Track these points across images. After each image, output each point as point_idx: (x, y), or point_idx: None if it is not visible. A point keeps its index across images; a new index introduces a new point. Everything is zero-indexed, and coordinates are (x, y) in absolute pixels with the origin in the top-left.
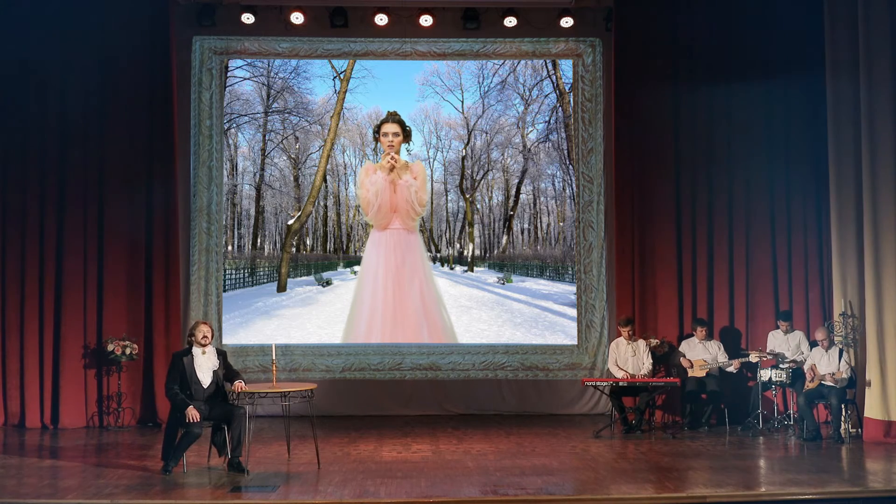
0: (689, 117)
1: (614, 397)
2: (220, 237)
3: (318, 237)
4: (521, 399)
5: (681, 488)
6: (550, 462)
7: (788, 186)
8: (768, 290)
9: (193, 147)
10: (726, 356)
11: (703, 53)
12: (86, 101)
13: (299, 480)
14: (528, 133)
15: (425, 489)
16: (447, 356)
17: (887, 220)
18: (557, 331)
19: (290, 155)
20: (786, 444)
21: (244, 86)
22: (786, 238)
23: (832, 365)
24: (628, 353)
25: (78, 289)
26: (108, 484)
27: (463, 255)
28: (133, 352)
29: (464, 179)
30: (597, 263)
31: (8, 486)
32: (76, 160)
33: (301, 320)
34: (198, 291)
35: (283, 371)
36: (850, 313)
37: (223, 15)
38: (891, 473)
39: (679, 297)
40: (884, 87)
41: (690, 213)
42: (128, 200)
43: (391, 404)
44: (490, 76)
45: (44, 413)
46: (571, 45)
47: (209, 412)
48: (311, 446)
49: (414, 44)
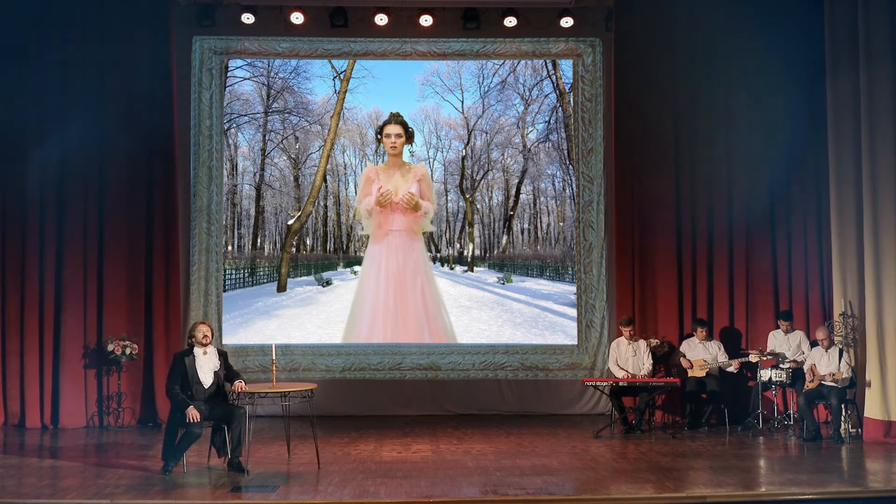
0: (689, 117)
1: (614, 397)
2: (220, 237)
3: (318, 237)
4: (521, 399)
5: (681, 488)
6: (550, 462)
7: (788, 186)
8: (768, 290)
9: (193, 147)
10: (726, 356)
11: (703, 53)
12: (85, 100)
13: (299, 480)
14: (528, 133)
15: (425, 489)
16: (447, 356)
17: (887, 220)
18: (557, 331)
19: (290, 155)
20: (786, 444)
21: (244, 86)
22: (786, 238)
23: (832, 365)
24: (629, 352)
25: (78, 289)
26: (108, 484)
27: (463, 255)
28: (133, 352)
29: (464, 179)
30: (597, 263)
31: (8, 486)
32: (76, 159)
33: (301, 320)
34: (198, 291)
35: (283, 371)
36: (850, 313)
37: (223, 15)
38: (891, 473)
39: (679, 297)
40: (884, 87)
41: (690, 212)
42: (128, 200)
43: (391, 404)
44: (490, 76)
45: (44, 413)
46: (571, 45)
47: (209, 412)
48: (311, 446)
49: (414, 44)
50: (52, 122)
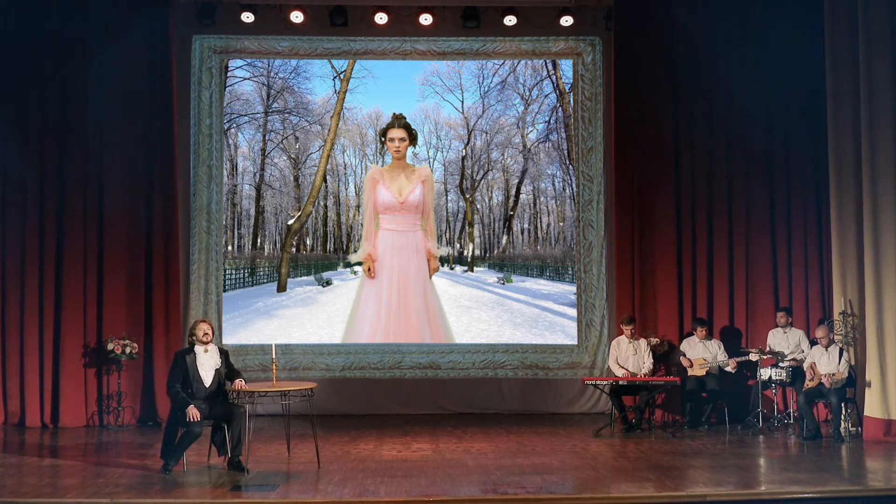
0: (689, 116)
1: (614, 396)
2: (220, 236)
3: (318, 237)
4: (521, 398)
5: (681, 487)
6: (550, 461)
7: (788, 185)
8: (768, 289)
9: (193, 146)
10: (726, 355)
11: (703, 52)
12: (85, 99)
13: (299, 479)
14: (528, 133)
15: (425, 488)
16: (447, 355)
17: (887, 220)
18: (557, 331)
19: (290, 155)
20: (786, 442)
21: (244, 86)
22: (786, 237)
23: (832, 364)
24: (629, 351)
25: (78, 288)
26: (108, 483)
27: (463, 255)
28: (133, 351)
29: (464, 179)
30: (597, 262)
31: (8, 485)
32: (76, 159)
33: (301, 320)
34: (198, 291)
35: (283, 370)
36: (850, 312)
37: (223, 14)
38: (891, 472)
39: (679, 296)
40: (884, 87)
41: (690, 211)
42: (127, 199)
43: (391, 403)
44: (490, 76)
45: (44, 412)
46: (571, 44)
47: (209, 411)
48: (311, 445)
49: (414, 43)
50: (52, 121)
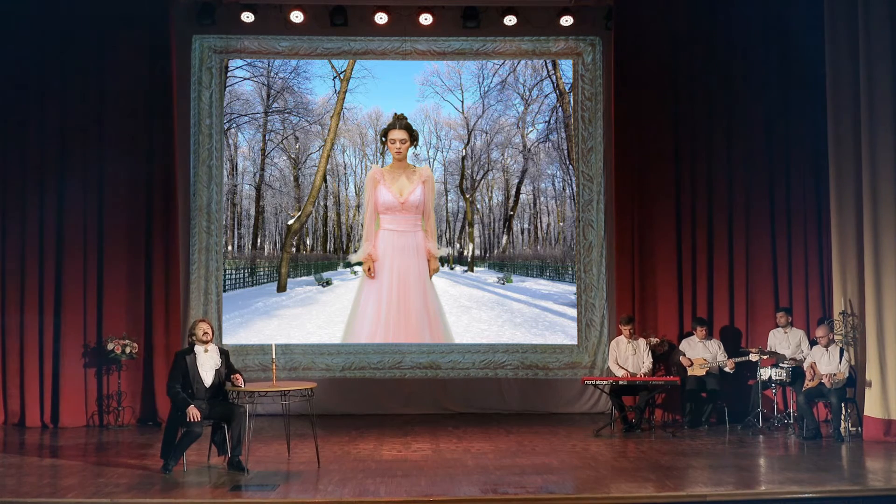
0: (689, 116)
1: (614, 396)
2: (219, 236)
3: (318, 237)
4: (521, 398)
5: (681, 487)
6: (550, 461)
7: (788, 185)
8: (768, 289)
9: (193, 146)
10: (726, 355)
11: (703, 52)
12: (85, 100)
13: (299, 479)
14: (528, 133)
15: (425, 488)
16: (447, 355)
17: (887, 220)
18: (557, 331)
19: (290, 155)
20: (786, 442)
21: (244, 86)
22: (786, 237)
23: (832, 363)
24: (629, 351)
25: (78, 287)
26: (108, 483)
27: (463, 255)
28: (133, 351)
29: (464, 179)
30: (597, 262)
31: (8, 485)
32: (76, 158)
33: (301, 320)
34: (198, 291)
35: (283, 370)
36: (850, 312)
37: (223, 14)
38: (891, 472)
39: (679, 296)
40: (884, 87)
41: (690, 211)
42: (127, 199)
43: (391, 403)
44: (490, 76)
45: (44, 412)
46: (571, 43)
47: (209, 411)
48: (311, 445)
49: (414, 42)
50: (52, 119)
